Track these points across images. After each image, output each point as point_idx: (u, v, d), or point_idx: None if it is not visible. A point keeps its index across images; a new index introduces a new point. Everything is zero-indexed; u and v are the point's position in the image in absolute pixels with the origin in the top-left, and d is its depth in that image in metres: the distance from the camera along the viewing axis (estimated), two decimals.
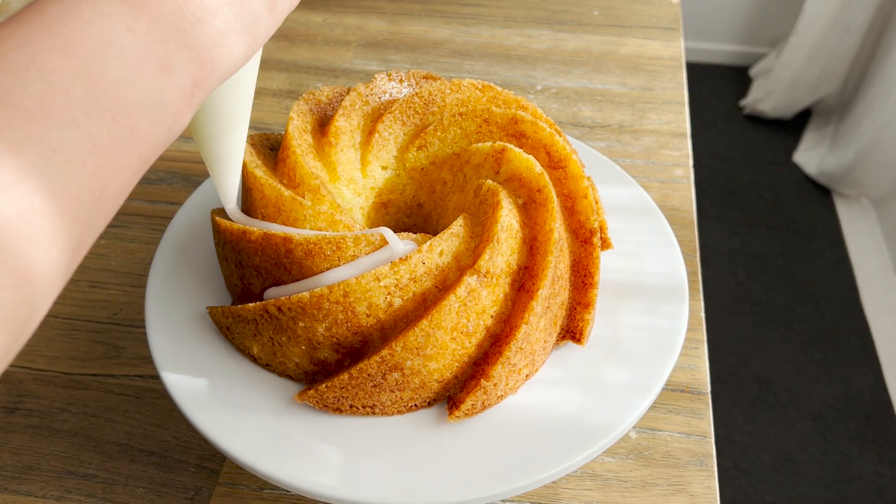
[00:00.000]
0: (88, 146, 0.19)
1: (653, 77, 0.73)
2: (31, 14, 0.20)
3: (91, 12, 0.20)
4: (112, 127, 0.20)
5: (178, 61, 0.22)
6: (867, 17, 1.70)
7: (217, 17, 0.23)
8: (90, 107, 0.19)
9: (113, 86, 0.20)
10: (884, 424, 1.31)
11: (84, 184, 0.19)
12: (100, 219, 0.21)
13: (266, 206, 0.40)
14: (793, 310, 1.50)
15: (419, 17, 0.82)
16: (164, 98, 0.22)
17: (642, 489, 0.43)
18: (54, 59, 0.19)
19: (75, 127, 0.19)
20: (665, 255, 0.44)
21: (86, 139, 0.19)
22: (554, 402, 0.38)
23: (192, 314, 0.41)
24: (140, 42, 0.21)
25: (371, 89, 0.47)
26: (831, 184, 1.73)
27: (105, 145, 0.20)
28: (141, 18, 0.21)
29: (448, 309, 0.35)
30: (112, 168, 0.20)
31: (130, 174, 0.21)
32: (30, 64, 0.19)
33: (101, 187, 0.20)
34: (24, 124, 0.18)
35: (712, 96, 2.03)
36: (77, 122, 0.19)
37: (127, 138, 0.20)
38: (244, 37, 0.25)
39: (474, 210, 0.40)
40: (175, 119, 0.22)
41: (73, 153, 0.19)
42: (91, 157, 0.19)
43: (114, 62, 0.20)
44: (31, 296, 0.18)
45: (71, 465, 0.44)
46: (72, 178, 0.19)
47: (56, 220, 0.19)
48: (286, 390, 0.38)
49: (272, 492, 0.43)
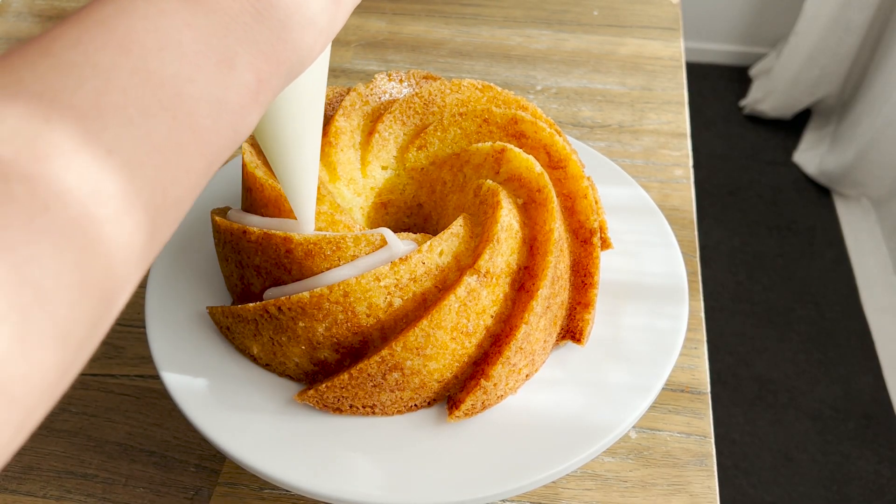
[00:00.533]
0: (147, 147, 0.18)
1: (652, 77, 0.73)
2: (85, 13, 0.19)
3: (147, 9, 0.20)
4: (172, 125, 0.19)
5: (240, 57, 0.21)
6: (867, 17, 1.70)
7: (279, 11, 0.22)
8: (148, 105, 0.18)
9: (171, 82, 0.19)
10: (884, 424, 1.31)
11: (143, 189, 0.18)
12: (163, 227, 0.19)
13: (266, 206, 0.40)
14: (793, 310, 1.50)
15: (419, 17, 0.82)
16: (227, 95, 0.21)
17: (642, 489, 0.43)
18: (109, 56, 0.18)
19: (133, 127, 0.18)
20: (665, 255, 0.44)
21: (144, 140, 0.18)
22: (554, 402, 0.38)
23: (192, 314, 0.41)
24: (198, 37, 0.20)
25: (371, 89, 0.47)
26: (831, 184, 1.73)
27: (165, 146, 0.19)
28: (199, 13, 0.20)
29: (448, 309, 0.35)
30: (174, 170, 0.19)
31: (195, 178, 0.20)
32: (84, 62, 0.18)
33: (163, 192, 0.19)
34: (80, 126, 0.17)
35: (712, 96, 2.03)
36: (134, 121, 0.18)
37: (188, 138, 0.19)
38: (309, 31, 0.23)
39: (474, 210, 0.40)
40: (240, 118, 0.21)
41: (129, 155, 0.18)
42: (150, 158, 0.18)
43: (171, 58, 0.19)
44: (100, 321, 0.18)
45: (71, 465, 0.44)
46: (128, 185, 0.18)
47: (117, 228, 0.18)
48: (286, 390, 0.38)
49: (272, 492, 0.43)
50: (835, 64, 1.80)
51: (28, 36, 0.80)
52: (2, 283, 0.15)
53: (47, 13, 0.84)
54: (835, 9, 1.71)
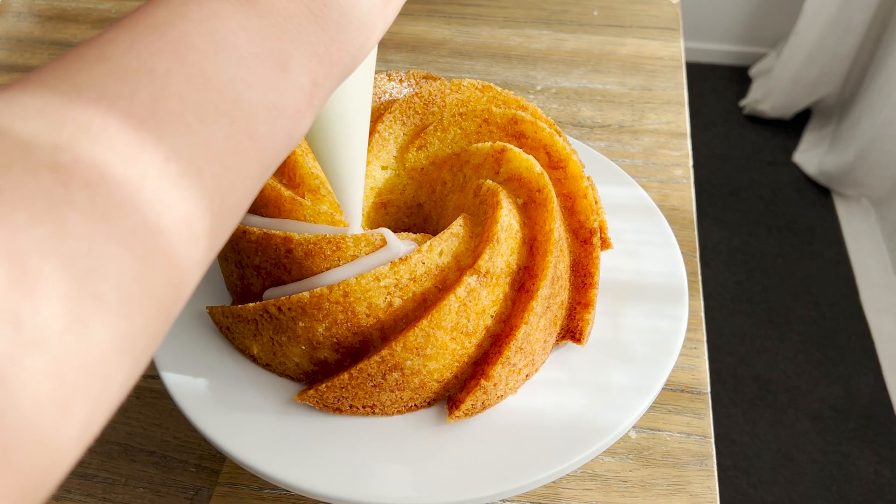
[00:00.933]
0: (206, 154, 0.18)
1: (652, 77, 0.73)
2: (137, 17, 0.19)
3: (200, 11, 0.19)
4: (230, 132, 0.19)
5: (295, 59, 0.21)
6: (867, 17, 1.70)
7: (333, 11, 0.22)
8: (205, 111, 0.18)
9: (228, 87, 0.19)
10: (884, 424, 1.31)
11: (202, 199, 0.18)
12: (221, 233, 0.19)
13: (266, 206, 0.40)
14: (793, 310, 1.50)
15: (419, 17, 0.82)
16: (283, 99, 0.20)
17: (642, 489, 0.43)
18: (164, 61, 0.18)
19: (191, 133, 0.18)
20: (665, 255, 0.44)
21: (202, 147, 0.18)
22: (554, 402, 0.38)
23: (192, 314, 0.41)
24: (253, 39, 0.20)
25: None
26: (831, 184, 1.73)
27: (223, 153, 0.18)
28: (253, 15, 0.20)
29: (448, 309, 0.35)
30: (232, 177, 0.19)
31: (251, 184, 0.20)
32: (139, 68, 0.18)
33: (222, 198, 0.19)
34: (137, 133, 0.17)
35: (712, 96, 2.03)
36: (192, 129, 0.18)
37: (246, 144, 0.19)
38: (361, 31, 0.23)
39: (474, 210, 0.40)
40: (295, 123, 0.21)
41: (188, 162, 0.17)
42: (209, 166, 0.18)
43: (227, 62, 0.19)
44: (158, 331, 0.18)
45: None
46: (187, 192, 0.17)
47: (178, 237, 0.17)
48: (286, 390, 0.38)
49: (272, 492, 0.43)
50: (835, 64, 1.80)
51: (28, 36, 0.80)
52: (64, 294, 0.15)
53: (47, 13, 0.84)
54: (835, 9, 1.71)
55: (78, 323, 0.15)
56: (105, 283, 0.15)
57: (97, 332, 0.15)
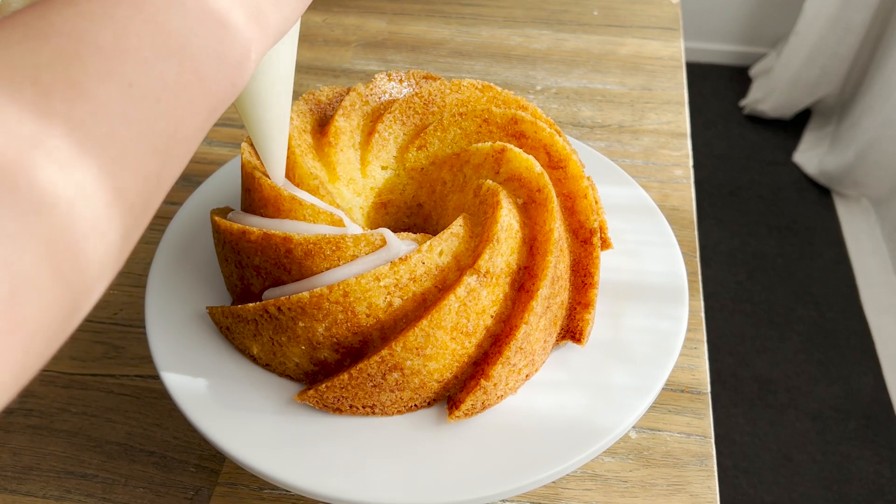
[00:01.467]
0: (160, 84, 0.21)
1: (652, 77, 0.73)
2: None
3: None
4: (179, 70, 0.22)
5: (235, 18, 0.24)
6: (867, 17, 1.70)
7: None
8: (158, 50, 0.21)
9: (178, 33, 0.22)
10: (884, 424, 1.31)
11: (160, 119, 0.21)
12: (174, 158, 0.22)
13: (266, 206, 0.40)
14: (793, 310, 1.50)
15: (419, 17, 0.82)
16: (225, 50, 0.24)
17: (642, 489, 0.43)
18: (123, 9, 0.21)
19: (147, 66, 0.21)
20: (665, 255, 0.44)
21: (157, 78, 0.21)
22: (554, 402, 0.38)
23: (192, 314, 0.41)
24: (199, 1, 0.23)
25: (371, 89, 0.47)
26: (831, 184, 1.73)
27: (175, 86, 0.22)
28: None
29: (448, 309, 0.35)
30: (183, 109, 0.22)
31: (200, 120, 0.23)
32: (103, 13, 0.21)
33: (175, 126, 0.22)
34: (104, 60, 0.20)
35: (712, 96, 2.03)
36: (149, 62, 0.21)
37: (194, 83, 0.22)
38: (292, 1, 0.27)
39: (474, 210, 0.40)
40: (236, 72, 0.24)
41: (148, 89, 0.21)
42: (164, 94, 0.21)
43: (177, 15, 0.22)
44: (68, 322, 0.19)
45: (71, 465, 0.44)
46: (149, 112, 0.21)
47: (134, 150, 0.20)
48: (286, 390, 0.38)
49: (272, 492, 0.43)
50: (835, 64, 1.80)
51: None
52: None
53: None
54: (835, 9, 1.71)
55: None
56: (18, 268, 0.17)
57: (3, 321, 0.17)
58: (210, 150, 0.65)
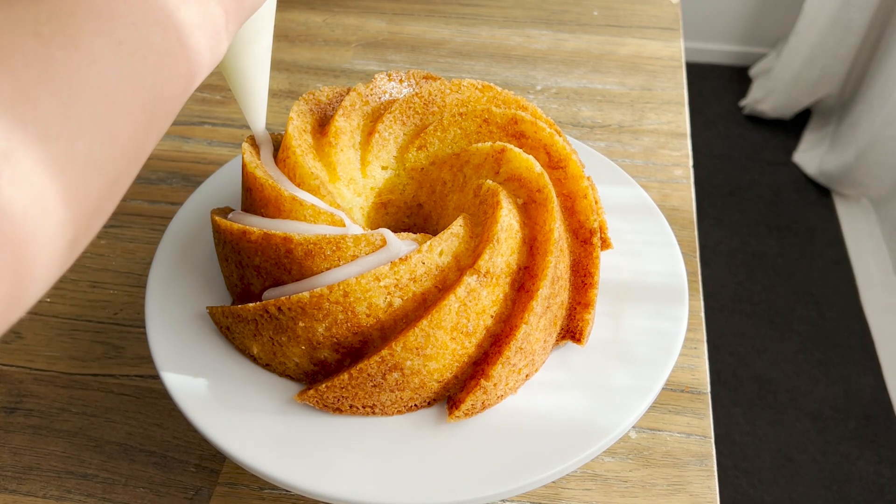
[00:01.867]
0: (146, 46, 0.23)
1: (652, 77, 0.73)
2: None
3: None
4: (164, 35, 0.24)
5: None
6: (867, 17, 1.70)
7: None
8: (144, 17, 0.23)
9: (161, 5, 0.24)
10: (884, 424, 1.31)
11: (147, 77, 0.23)
12: (161, 114, 0.24)
13: (266, 206, 0.40)
14: (793, 310, 1.50)
15: (419, 17, 0.82)
16: (205, 21, 0.26)
17: (642, 489, 0.43)
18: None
19: (135, 29, 0.23)
20: (665, 255, 0.44)
21: (144, 40, 0.23)
22: (554, 402, 0.38)
23: (192, 314, 0.41)
24: None
25: (371, 89, 0.47)
26: (831, 184, 1.74)
27: (160, 49, 0.24)
28: None
29: (448, 309, 0.35)
30: (168, 70, 0.24)
31: (184, 83, 0.25)
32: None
33: (161, 85, 0.24)
34: (97, 19, 0.22)
35: (712, 96, 2.03)
36: (136, 26, 0.23)
37: (177, 48, 0.25)
38: None
39: (474, 210, 0.40)
40: (215, 42, 0.27)
41: (136, 48, 0.23)
42: (150, 55, 0.23)
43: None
44: None
45: (71, 465, 0.45)
46: (137, 68, 0.23)
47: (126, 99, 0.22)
48: (286, 390, 0.38)
49: (272, 492, 0.43)
50: (835, 64, 1.80)
51: None
52: None
53: None
54: (835, 9, 1.71)
55: None
56: None
57: None
58: (210, 150, 0.65)
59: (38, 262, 0.20)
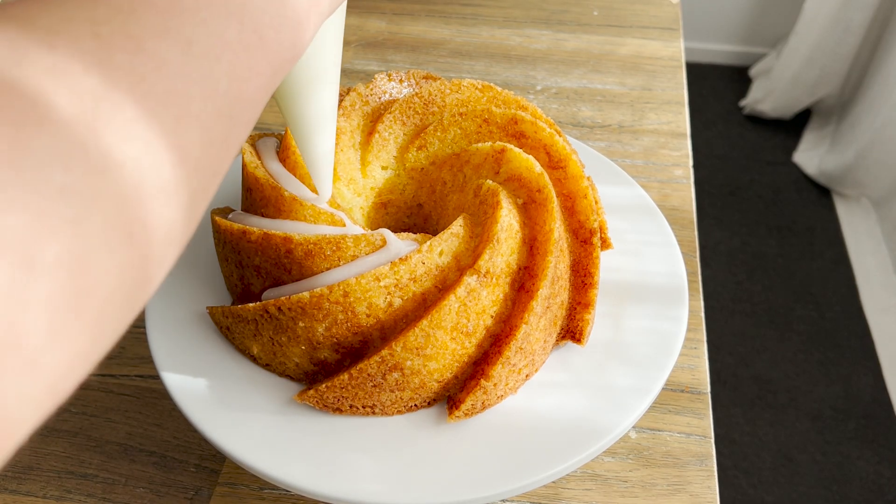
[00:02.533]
0: (221, 43, 0.20)
1: (652, 77, 0.73)
2: None
3: None
4: (240, 29, 0.21)
5: None
6: (867, 17, 1.70)
7: None
8: (217, 9, 0.21)
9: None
10: (884, 424, 1.31)
11: (222, 80, 0.20)
12: (239, 122, 0.21)
13: (266, 206, 0.40)
14: (793, 310, 1.50)
15: (419, 17, 0.82)
16: (285, 10, 0.23)
17: (643, 489, 0.43)
18: None
19: (206, 25, 0.20)
20: (665, 255, 0.44)
21: (217, 37, 0.20)
22: (554, 402, 0.38)
23: (192, 314, 0.41)
24: None
25: (371, 89, 0.47)
26: (831, 184, 1.74)
27: (236, 45, 0.21)
28: None
29: (448, 309, 0.35)
30: (245, 69, 0.21)
31: (264, 81, 0.22)
32: None
33: (239, 87, 0.21)
34: (161, 17, 0.19)
35: (712, 96, 2.03)
36: (207, 22, 0.20)
37: (255, 42, 0.22)
38: None
39: (474, 210, 0.40)
40: (297, 34, 0.24)
41: (207, 47, 0.20)
42: (224, 53, 0.20)
43: None
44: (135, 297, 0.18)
45: (71, 465, 0.45)
46: (210, 70, 0.20)
47: (198, 107, 0.19)
48: (286, 390, 0.38)
49: (272, 492, 0.43)
50: (835, 64, 1.80)
51: None
52: (50, 301, 0.15)
53: None
54: (835, 9, 1.71)
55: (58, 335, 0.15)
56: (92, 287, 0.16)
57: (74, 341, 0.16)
58: None
59: None
